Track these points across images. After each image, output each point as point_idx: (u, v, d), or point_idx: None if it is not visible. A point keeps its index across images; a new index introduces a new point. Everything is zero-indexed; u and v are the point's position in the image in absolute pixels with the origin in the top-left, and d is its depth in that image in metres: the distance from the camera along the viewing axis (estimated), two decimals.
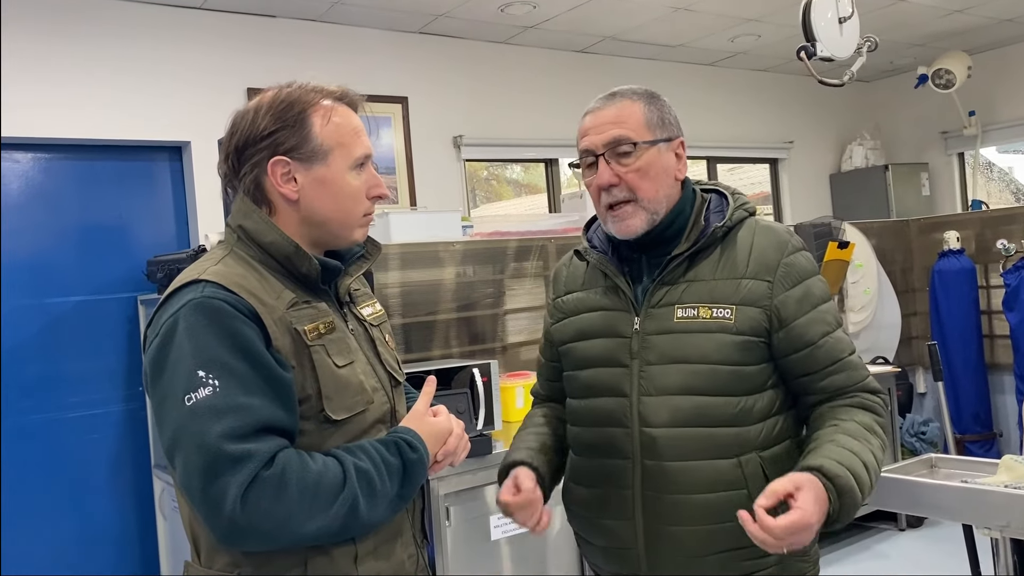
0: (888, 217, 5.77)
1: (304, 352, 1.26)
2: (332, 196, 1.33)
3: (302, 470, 1.17)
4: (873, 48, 3.10)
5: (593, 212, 1.64)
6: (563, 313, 1.65)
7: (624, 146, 1.50)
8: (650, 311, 1.51)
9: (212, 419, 1.14)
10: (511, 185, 5.90)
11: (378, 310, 1.51)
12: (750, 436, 1.46)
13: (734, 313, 1.46)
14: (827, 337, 1.48)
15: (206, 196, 3.86)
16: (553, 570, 3.13)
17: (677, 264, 1.51)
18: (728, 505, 1.43)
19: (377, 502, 1.23)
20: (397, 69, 4.48)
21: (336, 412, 1.28)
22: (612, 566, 1.58)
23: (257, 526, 1.14)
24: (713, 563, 1.46)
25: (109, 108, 3.70)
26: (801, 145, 6.12)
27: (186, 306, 1.21)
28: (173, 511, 3.60)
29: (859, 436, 1.42)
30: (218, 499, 1.12)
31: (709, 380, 1.45)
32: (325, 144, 1.32)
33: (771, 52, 5.43)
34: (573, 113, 5.71)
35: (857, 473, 1.34)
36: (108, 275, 3.78)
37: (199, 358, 1.17)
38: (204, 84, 3.89)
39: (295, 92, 1.34)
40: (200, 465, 1.13)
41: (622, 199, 1.51)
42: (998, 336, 5.13)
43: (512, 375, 3.57)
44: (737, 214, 1.54)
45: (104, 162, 3.82)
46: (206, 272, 1.26)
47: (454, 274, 3.62)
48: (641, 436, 1.47)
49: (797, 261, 1.51)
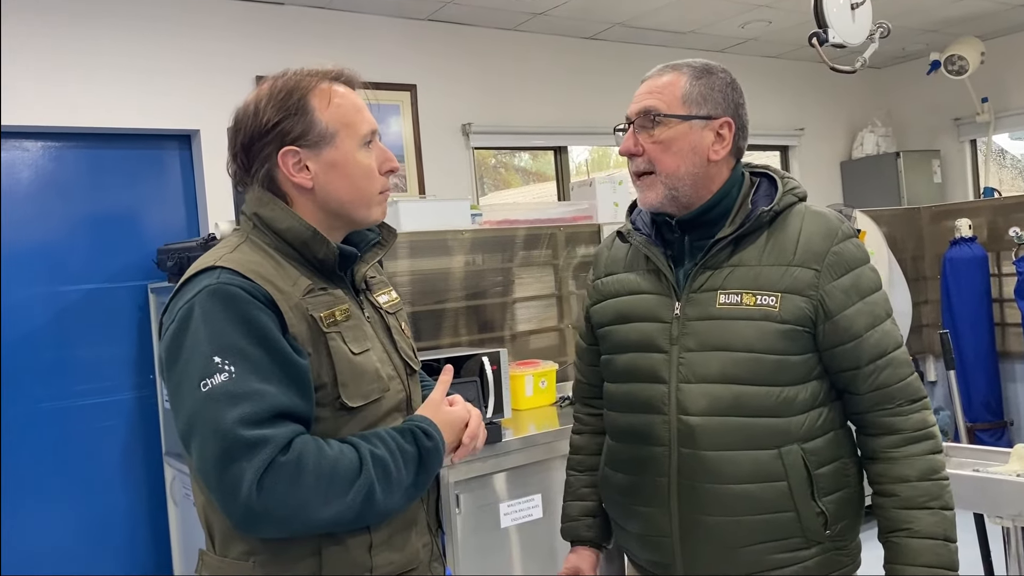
0: (899, 205, 5.72)
1: (320, 339, 1.26)
2: (346, 178, 1.32)
3: (318, 456, 1.17)
4: (886, 34, 3.07)
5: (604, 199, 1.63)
6: (602, 295, 1.62)
7: (652, 116, 1.47)
8: (691, 296, 1.47)
9: (228, 405, 1.13)
10: (519, 173, 5.89)
11: (394, 298, 1.50)
12: (791, 427, 1.42)
13: (779, 301, 1.41)
14: (874, 330, 1.43)
15: (215, 184, 3.86)
16: (563, 557, 3.13)
17: (721, 248, 1.47)
18: (767, 496, 1.41)
19: (393, 490, 1.23)
20: (406, 57, 4.46)
21: (352, 399, 1.27)
22: (647, 553, 1.55)
23: (273, 512, 1.13)
24: (749, 554, 1.43)
25: (118, 97, 3.70)
26: (812, 132, 6.09)
27: (202, 292, 1.20)
28: (184, 499, 3.62)
29: (927, 502, 1.41)
30: (234, 484, 1.12)
31: (750, 369, 1.41)
32: (331, 126, 1.31)
33: (782, 38, 5.39)
34: (582, 100, 5.70)
35: (947, 556, 1.38)
36: (119, 263, 3.79)
37: (215, 344, 1.16)
38: (213, 72, 3.89)
39: (291, 79, 1.32)
40: (216, 451, 1.13)
41: (643, 170, 1.49)
42: (1010, 324, 5.10)
43: (521, 363, 3.57)
44: (786, 199, 1.48)
45: (114, 151, 3.82)
46: (222, 259, 1.25)
47: (463, 262, 3.61)
48: (678, 424, 1.44)
49: (847, 249, 1.45)
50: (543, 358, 3.69)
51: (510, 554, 3.00)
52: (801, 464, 1.41)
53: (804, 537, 1.42)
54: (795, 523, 1.42)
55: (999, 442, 5.00)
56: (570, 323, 3.90)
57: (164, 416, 3.82)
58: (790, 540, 1.42)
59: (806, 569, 1.44)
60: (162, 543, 3.83)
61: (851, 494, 1.48)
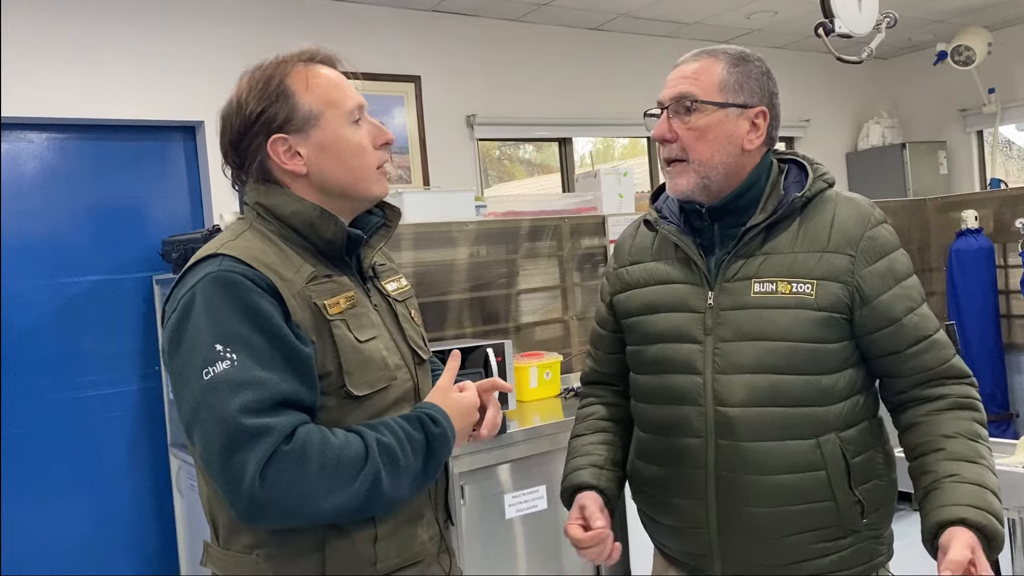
0: (905, 196, 5.70)
1: (324, 327, 1.24)
2: (339, 157, 1.30)
3: (323, 445, 1.15)
4: (892, 24, 3.05)
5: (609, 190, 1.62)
6: (628, 284, 1.58)
7: (687, 102, 1.44)
8: (725, 285, 1.44)
9: (230, 393, 1.12)
10: (523, 165, 5.88)
11: (403, 285, 1.48)
12: (829, 416, 1.40)
13: (815, 288, 1.39)
14: (912, 314, 1.42)
15: (220, 176, 3.80)
16: (567, 549, 3.14)
17: (753, 236, 1.44)
18: (806, 486, 1.40)
19: (401, 478, 1.21)
20: (410, 48, 4.45)
21: (358, 388, 1.25)
22: (681, 545, 1.53)
23: (277, 502, 1.12)
24: (787, 545, 1.42)
25: (123, 88, 3.69)
26: (817, 123, 6.06)
27: (203, 280, 1.19)
28: (190, 489, 3.63)
29: (975, 458, 1.37)
30: (237, 474, 1.11)
31: (788, 358, 1.39)
32: (314, 107, 1.28)
33: (787, 29, 5.37)
34: (587, 91, 5.67)
35: (995, 510, 1.31)
36: (124, 255, 3.80)
37: (217, 332, 1.15)
38: (217, 63, 3.88)
39: (268, 68, 1.31)
40: (219, 440, 1.12)
41: (675, 157, 1.46)
42: (1016, 316, 5.08)
43: (526, 355, 3.57)
44: (817, 185, 1.46)
45: (118, 142, 3.82)
46: (224, 246, 1.24)
47: (467, 254, 3.61)
48: (715, 415, 1.42)
49: (880, 234, 1.44)
50: (547, 350, 3.69)
51: (515, 545, 3.01)
52: (839, 453, 1.40)
53: (841, 526, 1.41)
54: (833, 512, 1.41)
55: (1005, 434, 4.99)
56: (574, 315, 3.90)
57: (169, 407, 3.83)
58: (828, 530, 1.41)
59: (843, 559, 1.43)
60: (168, 534, 3.84)
61: (885, 483, 1.48)
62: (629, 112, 5.19)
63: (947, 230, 5.31)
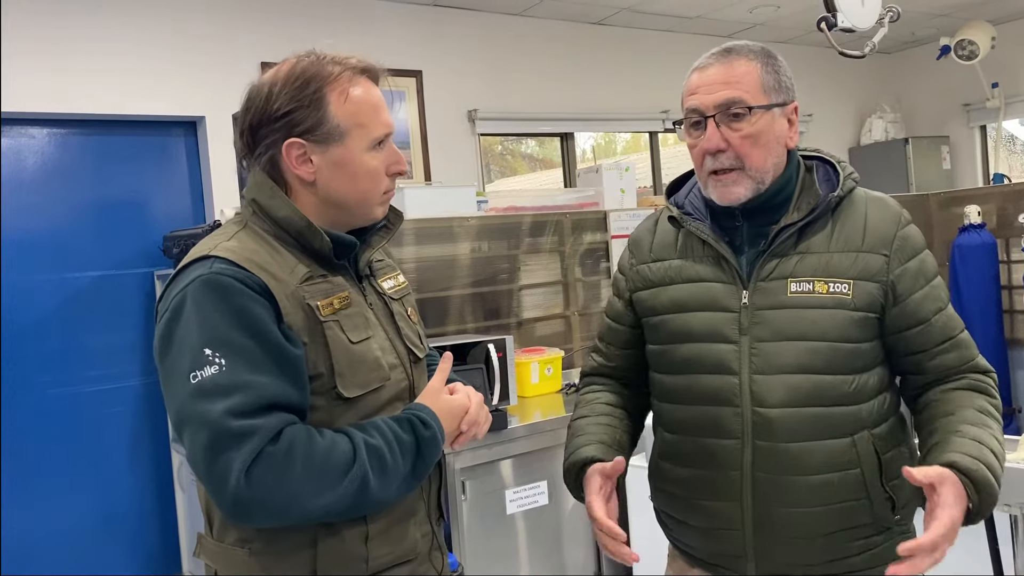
0: (908, 191, 5.68)
1: (317, 328, 1.23)
2: (350, 178, 1.29)
3: (309, 446, 1.15)
4: (896, 18, 3.03)
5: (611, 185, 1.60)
6: (651, 282, 1.55)
7: (737, 108, 1.39)
8: (760, 284, 1.43)
9: (217, 397, 1.12)
10: (525, 160, 5.87)
11: (401, 282, 1.47)
12: (863, 414, 1.41)
13: (851, 288, 1.39)
14: (940, 314, 1.43)
15: (221, 171, 3.85)
16: (568, 544, 3.14)
17: (788, 235, 1.43)
18: (842, 485, 1.39)
19: (389, 479, 1.21)
20: (412, 42, 4.44)
21: (349, 389, 1.25)
22: (711, 546, 1.51)
23: (262, 502, 1.12)
24: (823, 544, 1.42)
25: (124, 83, 3.69)
26: (820, 118, 6.04)
27: (194, 282, 1.18)
28: (191, 484, 3.63)
29: (980, 423, 1.36)
30: (223, 475, 1.11)
31: (827, 358, 1.39)
32: (342, 125, 1.27)
33: (790, 23, 5.35)
34: (589, 86, 5.64)
35: (990, 463, 1.29)
36: (125, 250, 3.80)
37: (205, 336, 1.15)
38: (218, 58, 3.88)
39: (312, 67, 1.28)
40: (204, 441, 1.12)
41: (728, 166, 1.41)
42: (1018, 311, 5.07)
43: (527, 350, 3.57)
44: (847, 184, 1.46)
45: (119, 137, 3.82)
46: (217, 248, 1.23)
47: (469, 249, 3.61)
48: (753, 416, 1.40)
49: (911, 234, 1.45)
50: (549, 345, 3.69)
51: (516, 540, 3.01)
52: (872, 450, 1.41)
53: (875, 523, 1.42)
54: (867, 510, 1.41)
55: (1007, 429, 4.97)
56: (576, 310, 3.89)
57: None
58: (862, 527, 1.41)
59: (875, 555, 1.43)
60: (169, 529, 3.84)
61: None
62: (631, 107, 5.18)
63: (950, 225, 5.29)
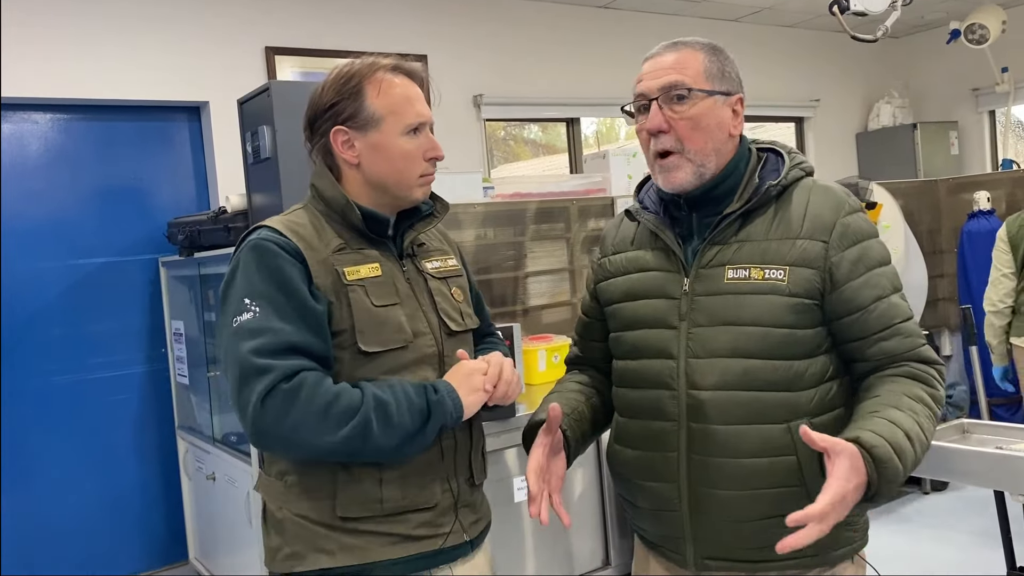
0: (915, 177, 5.65)
1: (342, 290, 1.45)
2: (387, 159, 1.51)
3: (314, 389, 1.35)
4: (908, 2, 3.00)
5: (618, 171, 1.60)
6: (610, 273, 1.62)
7: (679, 91, 1.45)
8: (700, 272, 1.47)
9: (248, 337, 1.36)
10: (529, 145, 5.84)
11: (449, 265, 1.65)
12: (801, 402, 1.42)
13: (787, 274, 1.41)
14: (880, 302, 1.43)
15: (225, 157, 3.83)
16: (576, 530, 3.13)
17: (729, 223, 1.47)
18: (776, 470, 1.40)
19: (392, 432, 1.38)
20: (416, 27, 4.40)
21: (368, 345, 1.44)
22: (656, 528, 1.56)
23: (273, 431, 1.34)
24: (757, 528, 1.43)
25: (127, 68, 3.66)
26: (827, 103, 6.00)
27: (245, 247, 1.45)
28: (197, 471, 3.63)
29: (903, 407, 1.36)
30: (245, 403, 1.33)
31: (760, 343, 1.41)
32: (378, 112, 1.50)
33: (798, 7, 5.29)
34: (595, 71, 5.58)
35: (897, 443, 1.29)
36: (129, 237, 3.79)
37: (246, 289, 1.40)
38: (222, 44, 3.84)
39: (355, 66, 1.52)
40: (236, 374, 1.35)
41: (668, 148, 1.46)
42: None
43: (534, 338, 3.54)
44: (793, 173, 1.48)
45: (122, 123, 3.79)
46: (272, 220, 1.49)
47: (474, 236, 3.58)
48: (688, 398, 1.44)
49: (854, 222, 1.45)
50: (556, 332, 3.67)
51: (523, 529, 3.00)
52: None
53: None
54: (804, 498, 1.38)
55: (1014, 417, 4.96)
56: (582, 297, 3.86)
57: (176, 390, 3.82)
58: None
59: (816, 544, 1.38)
60: (175, 517, 3.84)
61: None
62: None
63: (959, 211, 5.26)
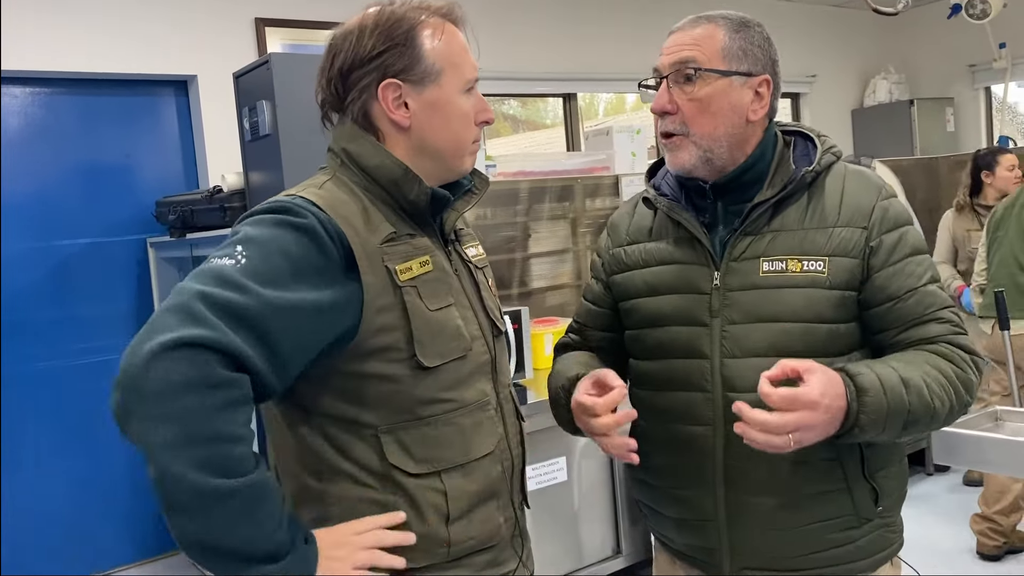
0: (911, 154, 5.60)
1: (396, 293, 1.18)
2: (445, 120, 1.25)
3: (236, 404, 1.01)
4: None
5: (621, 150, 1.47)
6: (627, 265, 1.50)
7: (688, 69, 1.35)
8: (731, 264, 1.37)
9: (208, 281, 1.04)
10: (509, 121, 5.73)
11: (481, 252, 1.41)
12: None
13: (827, 265, 1.32)
14: (916, 292, 1.34)
15: (215, 133, 3.70)
16: (586, 519, 3.07)
17: (761, 213, 1.36)
18: (819, 475, 1.34)
19: (243, 523, 1.02)
20: None
21: (428, 358, 1.19)
22: (687, 538, 1.47)
23: (131, 393, 0.99)
24: (800, 536, 1.36)
25: (111, 40, 3.53)
26: (823, 79, 5.93)
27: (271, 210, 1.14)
28: None
29: (912, 361, 1.28)
30: (143, 337, 0.99)
31: (801, 340, 1.32)
32: (437, 64, 1.23)
33: None
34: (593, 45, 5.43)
35: (886, 379, 1.23)
36: (115, 216, 3.66)
37: (246, 238, 1.10)
38: (210, 15, 3.71)
39: (400, 9, 1.24)
40: (166, 304, 1.03)
41: (673, 131, 1.37)
42: None
43: (540, 321, 3.46)
44: (826, 158, 1.39)
45: (107, 97, 3.65)
46: (305, 191, 1.18)
47: (474, 216, 3.47)
48: (724, 401, 1.34)
49: (893, 206, 1.37)
50: (560, 315, 3.58)
51: (535, 518, 2.93)
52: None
53: (856, 515, 1.36)
54: (847, 501, 1.36)
55: None
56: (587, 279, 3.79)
57: None
58: (841, 519, 1.35)
59: (858, 548, 1.38)
60: None
61: (896, 470, 1.43)
62: (638, 66, 5.03)
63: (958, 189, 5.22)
